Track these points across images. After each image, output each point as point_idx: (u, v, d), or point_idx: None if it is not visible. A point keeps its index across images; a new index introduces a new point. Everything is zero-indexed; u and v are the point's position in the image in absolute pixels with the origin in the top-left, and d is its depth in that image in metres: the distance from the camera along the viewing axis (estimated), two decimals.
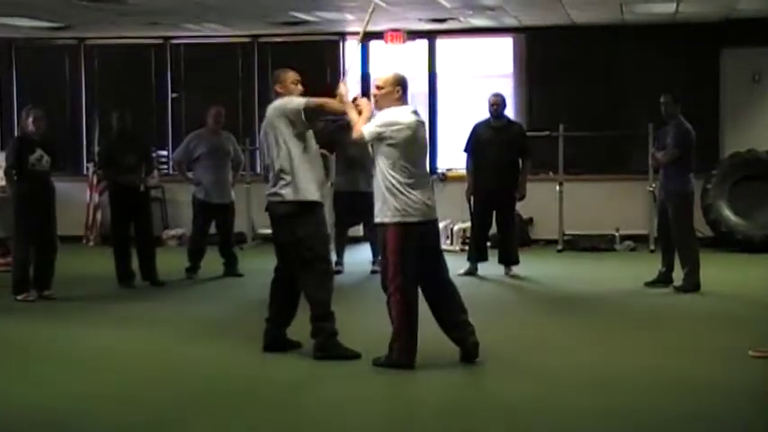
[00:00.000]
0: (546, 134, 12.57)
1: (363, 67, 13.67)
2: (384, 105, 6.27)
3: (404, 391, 5.91)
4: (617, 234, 12.62)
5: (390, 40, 13.03)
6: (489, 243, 10.52)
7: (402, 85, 6.28)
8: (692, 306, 8.57)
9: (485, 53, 14.10)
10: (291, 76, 6.66)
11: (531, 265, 10.65)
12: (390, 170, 6.11)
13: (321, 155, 6.87)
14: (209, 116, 10.37)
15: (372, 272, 10.01)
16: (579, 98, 13.21)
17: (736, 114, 12.98)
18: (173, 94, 14.31)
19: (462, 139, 10.42)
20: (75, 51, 14.40)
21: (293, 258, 6.50)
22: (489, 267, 10.30)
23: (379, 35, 13.02)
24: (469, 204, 10.41)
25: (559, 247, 12.47)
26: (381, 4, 9.89)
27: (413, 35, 13.26)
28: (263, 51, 14.01)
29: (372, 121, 6.23)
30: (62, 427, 5.23)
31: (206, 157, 10.24)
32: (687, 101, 9.65)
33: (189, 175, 10.48)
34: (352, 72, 6.77)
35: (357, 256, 11.10)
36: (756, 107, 12.96)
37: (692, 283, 9.09)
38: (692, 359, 6.54)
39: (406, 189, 6.10)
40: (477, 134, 10.25)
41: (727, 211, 12.27)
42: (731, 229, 12.20)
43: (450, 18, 12.41)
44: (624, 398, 5.58)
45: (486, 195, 10.21)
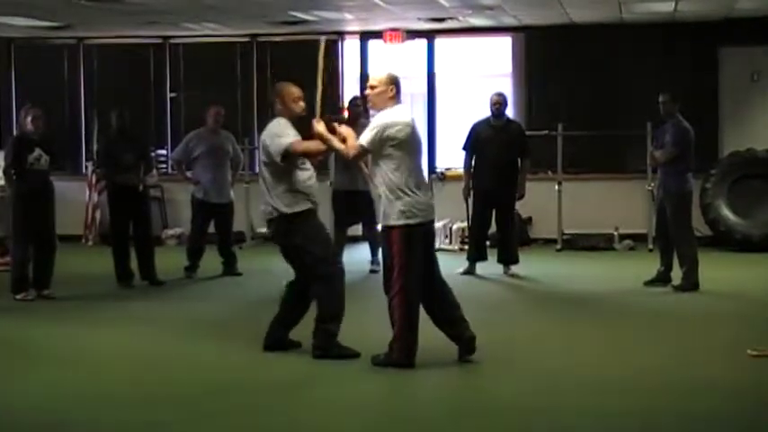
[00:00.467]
0: (545, 133, 12.57)
1: (363, 67, 13.68)
2: (378, 104, 6.25)
3: (403, 390, 5.91)
4: (616, 233, 12.62)
5: (389, 39, 13.05)
6: (488, 242, 10.53)
7: (395, 84, 6.24)
8: (690, 305, 8.57)
9: (484, 52, 14.10)
10: (294, 92, 6.48)
11: (531, 265, 10.64)
12: (394, 172, 6.07)
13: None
14: (208, 116, 10.37)
15: (371, 271, 10.02)
16: (578, 97, 13.22)
17: (735, 113, 12.99)
18: (171, 94, 14.32)
19: (461, 139, 10.42)
20: (75, 51, 14.40)
21: (298, 266, 6.52)
22: (488, 266, 10.30)
23: (378, 34, 13.03)
24: (467, 203, 10.42)
25: (558, 246, 12.48)
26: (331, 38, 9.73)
27: (412, 34, 13.26)
28: (262, 51, 14.01)
29: (368, 129, 6.18)
30: (61, 426, 5.22)
31: (205, 156, 10.24)
32: (686, 100, 9.65)
33: (188, 174, 10.49)
34: (320, 104, 6.60)
35: (356, 256, 11.09)
36: (755, 106, 12.97)
37: (690, 283, 9.09)
38: (690, 358, 6.54)
39: (411, 190, 6.08)
40: (477, 133, 10.25)
41: (725, 211, 12.26)
42: (730, 228, 12.19)
43: (449, 17, 12.41)
44: (623, 397, 5.57)
45: (486, 194, 10.20)
